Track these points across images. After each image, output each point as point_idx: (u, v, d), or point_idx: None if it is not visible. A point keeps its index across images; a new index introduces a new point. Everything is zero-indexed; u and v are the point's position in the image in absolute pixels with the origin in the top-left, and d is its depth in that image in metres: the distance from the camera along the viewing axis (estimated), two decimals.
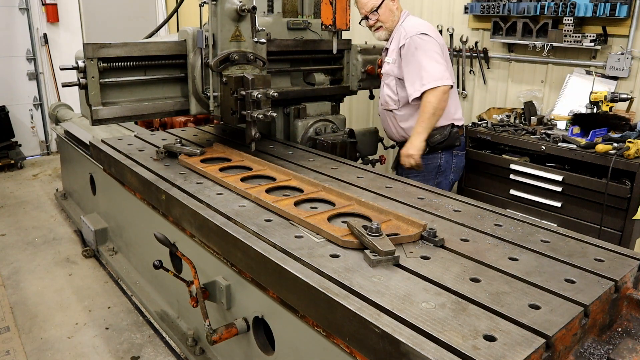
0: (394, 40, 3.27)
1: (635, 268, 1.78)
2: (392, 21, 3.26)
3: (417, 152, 3.09)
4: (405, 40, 3.12)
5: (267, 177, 2.67)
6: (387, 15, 3.23)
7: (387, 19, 3.24)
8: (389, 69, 3.30)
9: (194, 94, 3.05)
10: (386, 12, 3.22)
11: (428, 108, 3.04)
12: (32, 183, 6.00)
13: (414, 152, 3.10)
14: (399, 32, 3.23)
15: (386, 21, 3.25)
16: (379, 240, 1.78)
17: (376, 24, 3.27)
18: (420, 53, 3.07)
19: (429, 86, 3.03)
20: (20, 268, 3.92)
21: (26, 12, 6.68)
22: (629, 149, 3.00)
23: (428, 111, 3.05)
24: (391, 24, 3.26)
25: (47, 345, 3.00)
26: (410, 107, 3.25)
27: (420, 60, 3.07)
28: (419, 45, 3.09)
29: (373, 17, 3.24)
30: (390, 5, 3.23)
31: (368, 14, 3.25)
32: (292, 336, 1.94)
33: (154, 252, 2.87)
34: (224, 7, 2.78)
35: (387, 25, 3.26)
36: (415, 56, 3.08)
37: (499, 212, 2.26)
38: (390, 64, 3.29)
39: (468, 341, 1.33)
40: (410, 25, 3.19)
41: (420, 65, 3.07)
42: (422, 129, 3.08)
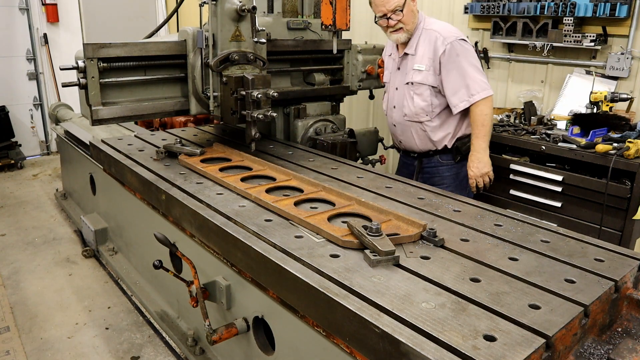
0: (421, 45, 2.98)
1: (635, 268, 1.78)
2: (413, 23, 2.96)
3: (490, 168, 2.95)
4: (446, 46, 2.87)
5: (267, 177, 2.67)
6: (409, 16, 2.92)
7: (410, 20, 2.93)
8: (422, 78, 2.98)
9: (194, 94, 3.05)
10: (409, 12, 2.91)
11: (486, 120, 2.88)
12: (32, 183, 6.00)
13: (489, 169, 2.94)
14: (429, 35, 2.96)
15: (408, 23, 2.93)
16: (379, 240, 1.78)
17: (397, 25, 2.94)
18: (463, 60, 2.87)
19: (479, 97, 2.86)
20: (20, 268, 3.93)
21: (26, 12, 6.68)
22: (629, 149, 2.99)
23: (487, 123, 2.89)
24: (412, 26, 2.96)
25: (47, 345, 3.00)
26: (442, 116, 3.05)
27: (464, 68, 2.87)
28: (460, 51, 2.88)
29: (396, 17, 2.90)
30: (412, 6, 2.94)
31: (390, 13, 2.90)
32: (292, 336, 1.94)
33: (154, 252, 2.87)
34: (224, 7, 2.78)
35: (408, 27, 2.95)
36: (458, 63, 2.87)
37: (499, 212, 2.26)
38: (423, 71, 2.98)
39: (468, 341, 1.33)
40: (444, 29, 2.95)
41: (465, 73, 2.87)
42: (485, 143, 2.91)
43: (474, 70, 2.89)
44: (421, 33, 2.99)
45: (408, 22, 2.94)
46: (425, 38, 2.97)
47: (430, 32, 2.96)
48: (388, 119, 3.29)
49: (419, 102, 3.02)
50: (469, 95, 2.87)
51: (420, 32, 3.00)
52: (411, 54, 3.03)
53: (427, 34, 2.97)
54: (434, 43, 2.91)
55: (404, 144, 3.25)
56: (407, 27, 2.95)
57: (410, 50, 3.03)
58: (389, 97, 3.26)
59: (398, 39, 3.00)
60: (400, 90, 3.12)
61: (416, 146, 3.16)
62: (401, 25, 2.94)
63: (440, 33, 2.92)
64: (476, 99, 2.87)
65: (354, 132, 3.71)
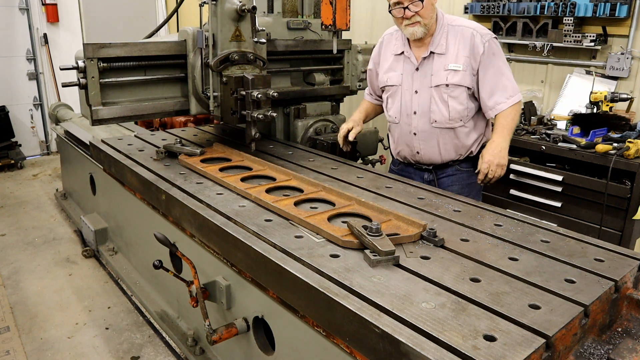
0: (452, 42, 2.66)
1: (635, 268, 1.78)
2: (431, 18, 2.63)
3: (506, 162, 2.63)
4: (484, 44, 2.60)
5: (267, 177, 2.67)
6: (428, 9, 2.59)
7: (428, 14, 2.60)
8: (459, 79, 2.64)
9: (194, 94, 3.05)
10: (429, 5, 2.58)
11: (513, 123, 2.67)
12: (32, 183, 6.00)
13: (505, 162, 2.62)
14: (461, 32, 2.65)
15: (426, 16, 2.60)
16: (379, 240, 1.78)
17: (414, 17, 2.59)
18: (499, 60, 2.65)
19: (515, 99, 2.66)
20: (20, 268, 3.93)
21: (26, 12, 6.68)
22: (629, 149, 3.00)
23: (513, 126, 2.67)
24: (430, 21, 2.63)
25: (47, 345, 3.00)
26: (473, 120, 2.78)
27: (501, 68, 2.64)
28: (496, 50, 2.65)
29: (414, 7, 2.55)
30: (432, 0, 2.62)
31: (409, 2, 2.55)
32: (292, 336, 1.94)
33: (154, 252, 2.87)
34: (224, 7, 2.79)
35: (426, 21, 2.60)
36: (494, 63, 2.63)
37: (499, 212, 2.26)
38: (460, 71, 2.64)
39: (468, 341, 1.33)
40: (475, 25, 2.68)
41: (502, 73, 2.64)
42: (508, 141, 2.65)
43: (509, 71, 2.70)
44: (447, 30, 2.68)
45: (426, 15, 2.59)
46: (456, 35, 2.66)
47: (462, 28, 2.66)
48: (402, 127, 2.84)
49: (455, 106, 2.68)
50: (507, 97, 2.65)
51: (444, 28, 2.68)
52: (439, 53, 2.68)
53: (456, 30, 2.67)
54: (471, 40, 2.62)
55: (422, 154, 2.83)
56: (425, 21, 2.60)
57: (439, 49, 2.68)
58: (402, 102, 2.81)
59: (414, 33, 2.63)
60: (423, 94, 2.73)
61: (438, 156, 2.80)
62: (419, 19, 2.58)
63: (476, 29, 2.64)
64: (514, 101, 2.66)
65: None
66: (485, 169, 2.58)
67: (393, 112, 2.87)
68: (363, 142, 3.92)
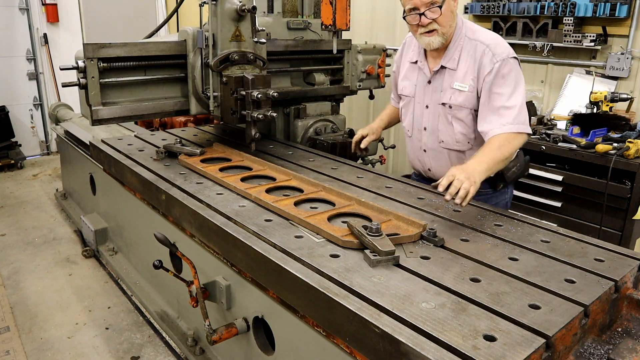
0: (463, 58, 2.39)
1: (635, 268, 1.78)
2: (450, 27, 2.35)
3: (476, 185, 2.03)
4: (494, 65, 2.30)
5: (267, 177, 2.67)
6: (447, 17, 2.31)
7: (447, 21, 2.32)
8: (463, 100, 2.39)
9: (194, 94, 3.05)
10: (448, 12, 2.30)
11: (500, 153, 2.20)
12: (32, 183, 6.00)
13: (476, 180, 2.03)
14: (474, 48, 2.37)
15: (445, 24, 2.32)
16: (379, 240, 1.78)
17: (431, 25, 2.32)
18: (509, 84, 2.30)
19: (512, 128, 2.26)
20: (20, 268, 3.93)
21: (26, 12, 6.68)
22: (629, 149, 3.00)
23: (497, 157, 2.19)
24: (449, 29, 2.35)
25: (47, 345, 3.00)
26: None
27: (508, 93, 2.30)
28: (507, 73, 2.30)
29: (431, 14, 2.28)
30: (451, 5, 2.33)
31: (424, 7, 2.28)
32: (292, 336, 1.94)
33: (154, 252, 2.87)
34: (224, 7, 2.79)
35: (444, 30, 2.33)
36: (501, 85, 2.31)
37: (499, 212, 2.26)
38: (466, 92, 2.38)
39: (468, 341, 1.33)
40: (494, 42, 2.35)
41: (507, 98, 2.29)
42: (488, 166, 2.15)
43: (519, 99, 2.30)
44: (463, 43, 2.40)
45: (445, 23, 2.32)
46: (469, 50, 2.38)
47: (477, 43, 2.36)
48: (414, 141, 2.67)
49: (459, 129, 2.45)
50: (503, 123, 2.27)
51: (461, 41, 2.40)
52: (450, 69, 2.42)
53: (471, 45, 2.38)
54: (480, 59, 2.34)
55: (433, 172, 2.64)
56: (443, 29, 2.33)
57: (450, 63, 2.42)
58: (414, 116, 2.62)
59: (430, 43, 2.36)
60: (433, 109, 2.52)
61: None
62: (436, 27, 2.32)
63: (490, 47, 2.33)
64: (515, 129, 2.25)
65: (354, 132, 3.71)
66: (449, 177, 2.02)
67: (406, 125, 2.70)
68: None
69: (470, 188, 1.97)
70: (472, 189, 1.98)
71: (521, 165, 2.56)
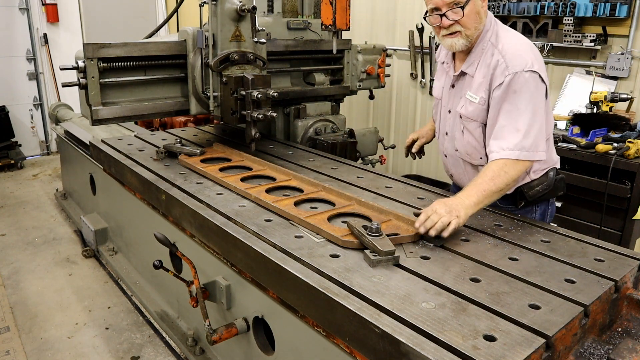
0: (481, 66, 2.18)
1: (635, 268, 1.78)
2: (475, 29, 2.15)
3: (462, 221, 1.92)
4: (505, 78, 2.06)
5: (267, 177, 2.67)
6: (472, 18, 2.12)
7: (471, 23, 2.12)
8: (472, 111, 2.22)
9: (194, 94, 3.05)
10: (472, 13, 2.11)
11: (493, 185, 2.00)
12: (32, 183, 6.00)
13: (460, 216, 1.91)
14: (490, 54, 2.16)
15: (469, 26, 2.12)
16: (379, 240, 1.78)
17: (453, 26, 2.13)
18: (521, 101, 2.06)
19: (515, 156, 2.04)
20: (20, 268, 3.92)
21: (26, 12, 6.68)
22: (629, 149, 3.00)
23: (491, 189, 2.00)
24: (473, 32, 2.15)
25: (47, 345, 3.00)
26: None
27: (517, 112, 2.06)
28: (521, 88, 2.05)
29: (453, 15, 2.10)
30: (478, 5, 2.12)
31: (446, 7, 2.10)
32: (292, 336, 1.94)
33: (154, 252, 2.87)
34: (224, 7, 2.79)
35: (468, 32, 2.14)
36: (512, 103, 2.07)
37: (499, 212, 2.26)
38: (476, 104, 2.20)
39: (468, 341, 1.33)
40: (513, 52, 2.10)
41: (516, 118, 2.06)
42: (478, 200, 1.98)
43: (530, 118, 2.05)
44: (487, 48, 2.18)
45: (469, 25, 2.12)
46: (487, 57, 2.17)
47: (495, 51, 2.15)
48: (438, 145, 2.57)
49: (470, 141, 2.30)
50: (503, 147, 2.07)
51: (485, 45, 2.19)
52: (470, 75, 2.24)
53: (490, 52, 2.17)
54: (494, 69, 2.12)
55: (455, 179, 2.56)
56: (468, 32, 2.14)
57: (470, 69, 2.23)
58: (440, 118, 2.50)
59: (453, 45, 2.18)
60: (453, 115, 2.38)
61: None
62: (459, 28, 2.13)
63: (505, 57, 2.10)
64: (510, 156, 2.04)
65: (354, 132, 3.72)
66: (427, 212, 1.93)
67: (436, 127, 2.59)
68: (363, 142, 3.93)
69: (452, 221, 1.87)
70: (453, 222, 1.87)
71: (548, 184, 2.31)
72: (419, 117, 5.05)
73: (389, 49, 4.54)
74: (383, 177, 2.75)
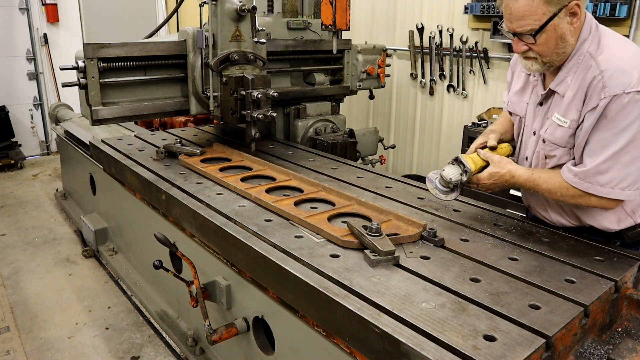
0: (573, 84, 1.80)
1: (635, 268, 1.78)
2: (557, 54, 1.79)
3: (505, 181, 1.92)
4: (600, 101, 1.70)
5: (267, 177, 2.67)
6: (550, 45, 1.76)
7: (549, 51, 1.78)
8: (560, 137, 1.87)
9: (194, 94, 3.05)
10: (551, 40, 1.75)
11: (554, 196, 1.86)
12: (32, 183, 6.00)
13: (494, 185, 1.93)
14: (586, 68, 1.77)
15: (545, 54, 1.79)
16: (379, 240, 1.78)
17: (527, 52, 1.82)
18: (614, 129, 1.71)
19: (581, 186, 1.79)
20: (20, 268, 3.92)
21: (26, 12, 6.68)
22: None
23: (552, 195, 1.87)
24: (554, 58, 1.80)
25: (47, 345, 3.00)
26: None
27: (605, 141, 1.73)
28: (616, 116, 1.69)
29: (527, 40, 1.78)
30: (561, 29, 1.73)
31: (520, 32, 1.77)
32: (292, 336, 1.94)
33: (154, 252, 2.87)
34: (224, 7, 2.79)
35: (545, 59, 1.81)
36: (603, 130, 1.73)
37: (499, 212, 2.26)
38: (565, 127, 1.84)
39: (468, 341, 1.33)
40: (613, 65, 1.70)
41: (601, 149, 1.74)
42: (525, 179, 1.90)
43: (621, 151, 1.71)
44: (582, 60, 1.79)
45: (546, 52, 1.79)
46: (582, 73, 1.78)
47: (592, 65, 1.75)
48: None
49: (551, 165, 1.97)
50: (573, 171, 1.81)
51: (582, 57, 1.79)
52: (559, 94, 1.88)
53: (587, 66, 1.77)
54: (588, 87, 1.75)
55: (534, 211, 2.19)
56: (545, 59, 1.81)
57: (561, 87, 1.86)
58: (522, 140, 2.13)
59: (529, 67, 1.88)
60: (536, 139, 2.01)
61: (549, 218, 2.11)
62: (534, 55, 1.81)
63: (604, 74, 1.70)
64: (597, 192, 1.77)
65: (354, 132, 3.72)
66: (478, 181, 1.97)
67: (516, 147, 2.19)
68: (363, 142, 3.93)
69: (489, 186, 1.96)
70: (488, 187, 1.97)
71: None
72: (419, 117, 5.05)
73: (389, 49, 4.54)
74: (383, 177, 2.75)
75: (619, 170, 1.74)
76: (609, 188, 1.76)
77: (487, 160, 2.00)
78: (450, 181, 1.97)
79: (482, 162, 2.01)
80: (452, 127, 4.76)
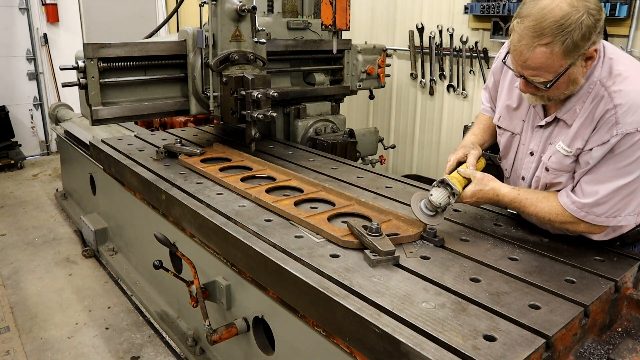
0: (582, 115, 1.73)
1: (635, 268, 1.78)
2: (564, 94, 1.73)
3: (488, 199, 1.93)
4: (612, 138, 1.64)
5: (267, 177, 2.68)
6: (561, 89, 1.70)
7: (559, 93, 1.72)
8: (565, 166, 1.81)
9: (194, 94, 3.05)
10: (562, 85, 1.67)
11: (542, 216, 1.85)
12: (32, 183, 6.00)
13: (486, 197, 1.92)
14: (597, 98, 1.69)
15: (555, 96, 1.74)
16: (379, 240, 1.78)
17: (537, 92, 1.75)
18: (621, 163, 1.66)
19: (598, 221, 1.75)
20: (20, 268, 3.92)
21: (26, 12, 6.68)
22: None
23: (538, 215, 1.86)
24: (560, 97, 1.75)
25: (47, 345, 3.00)
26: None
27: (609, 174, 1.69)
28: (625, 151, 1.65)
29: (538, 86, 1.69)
30: (575, 74, 1.65)
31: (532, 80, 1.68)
32: (292, 336, 1.94)
33: (154, 252, 2.87)
34: (224, 7, 2.79)
35: (555, 98, 1.75)
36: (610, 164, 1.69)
37: (499, 212, 2.26)
38: (567, 156, 1.79)
39: (468, 341, 1.33)
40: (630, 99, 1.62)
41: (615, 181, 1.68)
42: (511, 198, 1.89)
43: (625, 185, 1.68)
44: (593, 89, 1.71)
45: (555, 95, 1.73)
46: (592, 103, 1.70)
47: (605, 96, 1.67)
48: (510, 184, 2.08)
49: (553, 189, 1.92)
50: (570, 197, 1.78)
51: (591, 87, 1.71)
52: (565, 122, 1.80)
53: (598, 95, 1.69)
54: (599, 120, 1.68)
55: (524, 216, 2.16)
56: (554, 97, 1.75)
57: (568, 116, 1.78)
58: (516, 158, 2.06)
59: (532, 102, 1.84)
60: (536, 159, 1.94)
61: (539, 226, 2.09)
62: (542, 94, 1.74)
63: (618, 109, 1.63)
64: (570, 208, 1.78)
65: (354, 132, 3.72)
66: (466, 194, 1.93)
67: (506, 165, 2.14)
68: (363, 142, 3.93)
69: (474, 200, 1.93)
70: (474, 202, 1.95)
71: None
72: (419, 117, 5.05)
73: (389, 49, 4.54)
74: (383, 177, 2.75)
75: (617, 203, 1.72)
76: (604, 217, 1.75)
77: (469, 178, 1.96)
78: (440, 205, 1.91)
79: (465, 180, 1.97)
80: (452, 127, 4.75)
